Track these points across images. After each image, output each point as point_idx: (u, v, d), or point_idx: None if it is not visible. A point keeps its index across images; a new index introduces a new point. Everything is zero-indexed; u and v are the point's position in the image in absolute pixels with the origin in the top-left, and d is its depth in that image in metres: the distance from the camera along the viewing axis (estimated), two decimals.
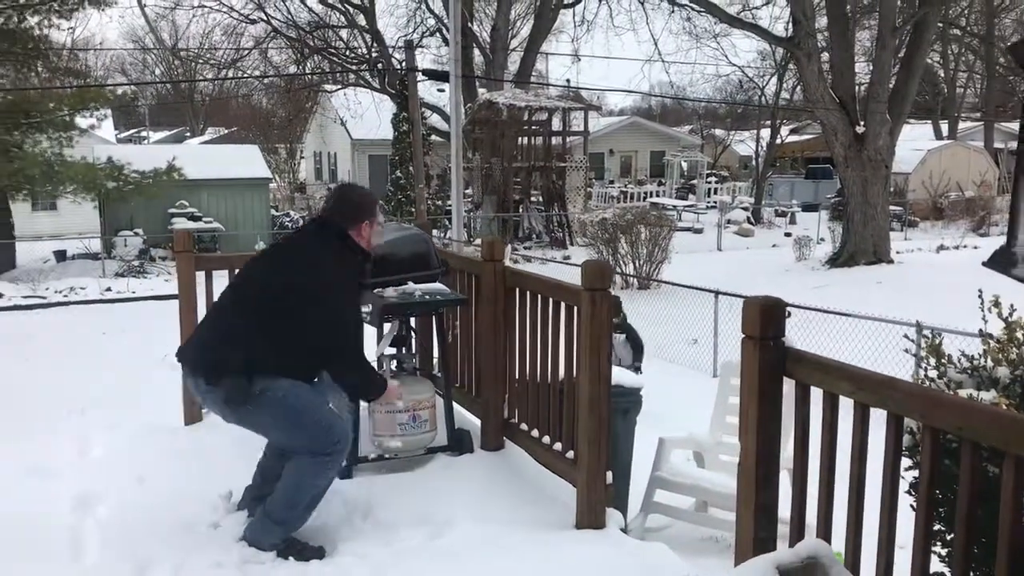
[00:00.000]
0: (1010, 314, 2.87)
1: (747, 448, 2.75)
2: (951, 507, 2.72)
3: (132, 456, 4.49)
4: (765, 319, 2.69)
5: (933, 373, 2.91)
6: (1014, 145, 42.17)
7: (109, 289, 16.98)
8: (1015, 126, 43.18)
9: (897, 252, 19.71)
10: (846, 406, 2.57)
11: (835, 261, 19.10)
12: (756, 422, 2.72)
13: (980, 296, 3.07)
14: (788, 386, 2.75)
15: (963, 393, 2.67)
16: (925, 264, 18.85)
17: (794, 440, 2.72)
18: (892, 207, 21.42)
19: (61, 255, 20.87)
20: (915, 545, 2.33)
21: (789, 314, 2.72)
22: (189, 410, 5.12)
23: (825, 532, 2.61)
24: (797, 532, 2.74)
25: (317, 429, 3.53)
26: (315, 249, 3.60)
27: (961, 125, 42.72)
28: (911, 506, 2.82)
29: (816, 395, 2.66)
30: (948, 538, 2.76)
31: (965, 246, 21.78)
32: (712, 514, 5.30)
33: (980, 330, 2.92)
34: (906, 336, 3.31)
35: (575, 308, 3.85)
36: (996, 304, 2.92)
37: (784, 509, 2.84)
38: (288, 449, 3.61)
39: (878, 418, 2.47)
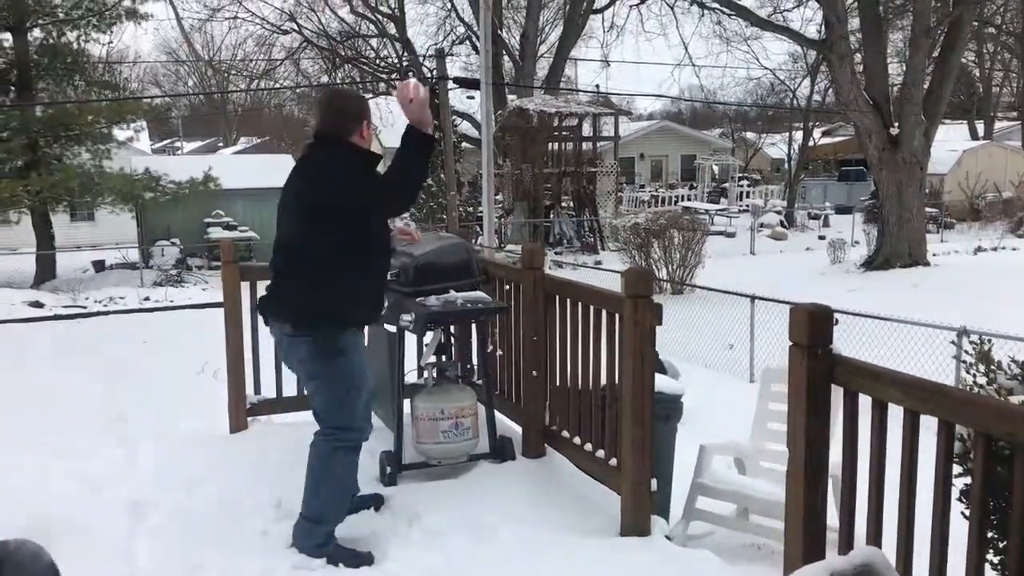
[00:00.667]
0: None
1: (796, 457, 2.76)
2: (1002, 514, 2.71)
3: (181, 464, 4.57)
4: (813, 327, 2.70)
5: (982, 379, 2.89)
6: None
7: (147, 298, 17.20)
8: None
9: (933, 255, 19.50)
10: (893, 413, 2.57)
11: (870, 264, 18.94)
12: (804, 431, 2.73)
13: None
14: (835, 392, 2.76)
15: (1014, 400, 2.66)
16: (962, 266, 18.64)
17: (842, 448, 2.72)
18: (928, 209, 21.20)
19: (100, 265, 21.19)
20: (968, 553, 2.33)
21: (837, 321, 2.73)
22: (235, 419, 5.20)
23: (875, 540, 2.61)
24: (846, 540, 2.74)
25: (353, 413, 3.67)
26: (321, 159, 3.63)
27: (997, 125, 42.16)
28: (961, 513, 2.82)
29: (863, 402, 2.66)
30: (1000, 546, 2.75)
31: (1003, 248, 21.51)
32: (753, 521, 5.28)
33: None
34: (953, 342, 3.29)
35: (616, 315, 3.88)
36: None
37: (831, 517, 2.85)
38: (320, 417, 3.71)
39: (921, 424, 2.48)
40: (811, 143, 32.80)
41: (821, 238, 24.43)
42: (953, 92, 24.98)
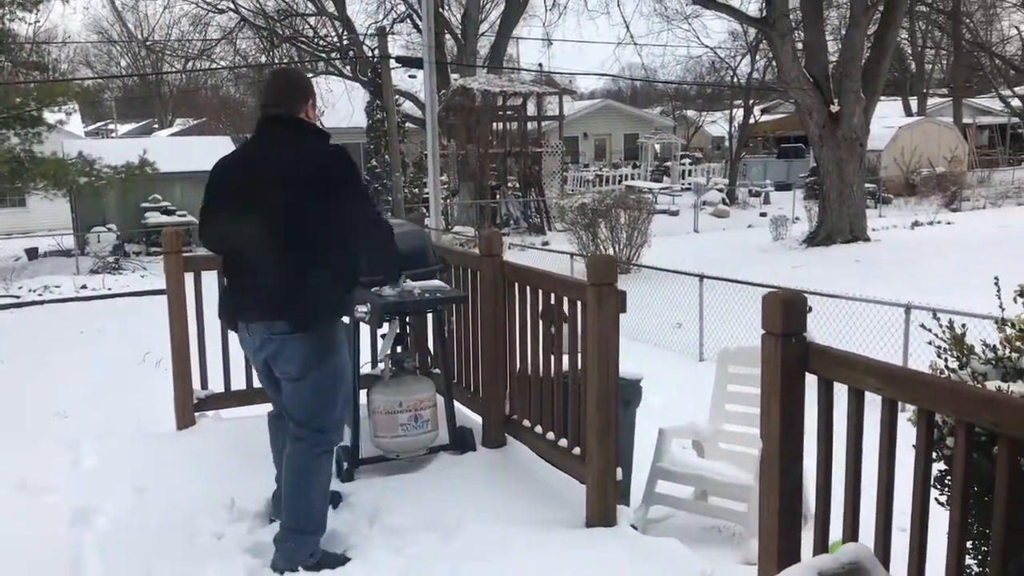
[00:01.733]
0: None
1: (770, 448, 2.71)
2: (978, 501, 2.70)
3: (127, 465, 4.40)
4: (787, 314, 2.64)
5: (954, 364, 2.87)
6: (983, 120, 42.67)
7: (84, 287, 16.71)
8: (982, 101, 43.67)
9: (873, 230, 19.86)
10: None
11: (812, 240, 19.21)
12: (779, 421, 2.67)
13: (996, 284, 3.04)
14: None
15: (989, 385, 2.64)
16: (901, 241, 19.03)
17: (817, 437, 2.67)
18: (866, 184, 21.55)
19: (33, 253, 20.55)
20: (949, 542, 2.29)
21: (810, 308, 2.68)
22: (181, 415, 5.02)
23: (852, 530, 2.58)
24: (822, 531, 2.71)
25: (335, 414, 3.53)
26: (307, 144, 3.45)
27: (930, 101, 43.05)
28: (936, 500, 2.80)
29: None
30: (975, 531, 2.74)
31: (939, 222, 22.00)
32: (712, 503, 5.28)
33: (1001, 318, 2.89)
34: (922, 325, 3.27)
35: (579, 302, 3.80)
36: (1022, 294, 2.88)
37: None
38: (301, 420, 3.47)
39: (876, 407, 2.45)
40: (751, 121, 33.12)
41: (763, 215, 24.71)
42: (888, 69, 25.38)
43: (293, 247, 3.32)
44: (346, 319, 4.30)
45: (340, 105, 29.95)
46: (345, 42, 29.67)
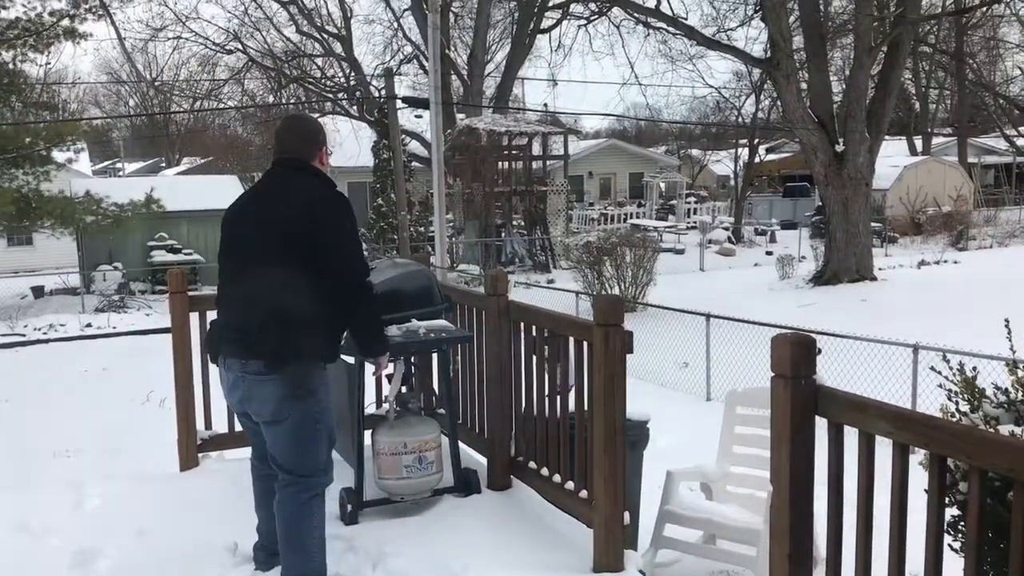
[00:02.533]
0: None
1: (779, 492, 2.66)
2: (993, 548, 2.65)
3: (130, 506, 4.35)
4: (796, 357, 2.61)
5: (965, 407, 2.84)
6: (987, 159, 42.79)
7: (89, 325, 16.73)
8: (987, 141, 43.85)
9: (879, 269, 19.84)
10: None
11: (819, 279, 19.18)
12: (788, 465, 2.63)
13: (1007, 326, 3.01)
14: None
15: (1003, 429, 2.61)
16: (908, 280, 18.99)
17: (828, 481, 2.63)
18: (872, 223, 21.57)
19: (39, 291, 20.59)
20: None
21: (820, 351, 2.65)
22: (185, 456, 4.98)
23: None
24: (833, 575, 2.66)
25: (320, 457, 3.49)
26: (305, 190, 3.47)
27: (935, 141, 43.24)
28: (949, 546, 2.75)
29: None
30: None
31: (946, 261, 21.97)
32: (721, 546, 5.20)
33: (1012, 360, 2.86)
34: (932, 368, 3.23)
35: (585, 343, 3.78)
36: None
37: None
38: (286, 467, 3.44)
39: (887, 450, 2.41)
40: (756, 160, 33.24)
41: (769, 254, 24.71)
42: (893, 108, 25.53)
43: (277, 289, 3.33)
44: (350, 359, 4.28)
45: (347, 145, 30.17)
46: (352, 83, 29.98)
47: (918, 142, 42.38)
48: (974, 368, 3.03)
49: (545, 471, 4.23)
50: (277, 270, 3.33)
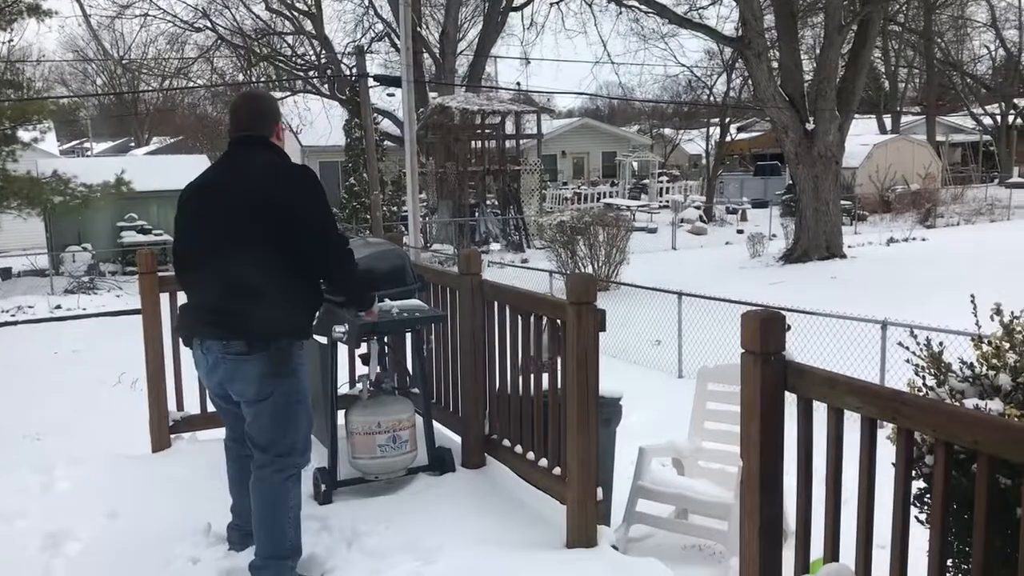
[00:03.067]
0: (1011, 320, 2.86)
1: (750, 466, 2.70)
2: (957, 519, 2.71)
3: (101, 488, 4.32)
4: (766, 333, 2.64)
5: (932, 381, 2.88)
6: (955, 138, 43.25)
7: (59, 307, 16.54)
8: (955, 119, 44.31)
9: (849, 246, 20.02)
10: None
11: (789, 257, 19.33)
12: (759, 440, 2.67)
13: (973, 301, 3.06)
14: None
15: (968, 403, 2.65)
16: (877, 257, 19.19)
17: (798, 456, 2.67)
18: (841, 201, 21.75)
19: (6, 273, 20.32)
20: (930, 560, 2.29)
21: (789, 327, 2.68)
22: (156, 437, 4.95)
23: (833, 548, 2.58)
24: (802, 548, 2.70)
25: (299, 436, 3.49)
26: (273, 166, 3.45)
27: (904, 119, 43.60)
28: (916, 518, 2.80)
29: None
30: (955, 549, 2.74)
31: (914, 238, 22.23)
32: (693, 521, 5.27)
33: (978, 335, 2.91)
34: (900, 344, 3.28)
35: (558, 321, 3.79)
36: (998, 312, 2.90)
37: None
38: (263, 445, 3.43)
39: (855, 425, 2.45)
40: (728, 139, 33.35)
41: (740, 232, 24.86)
42: (863, 87, 25.70)
43: (253, 267, 3.30)
44: (323, 339, 4.26)
45: (318, 123, 29.90)
46: (323, 61, 29.69)
47: (887, 120, 42.73)
48: (941, 343, 3.08)
49: (519, 449, 4.25)
50: (252, 249, 3.30)
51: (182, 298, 4.47)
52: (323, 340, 4.28)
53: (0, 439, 7.18)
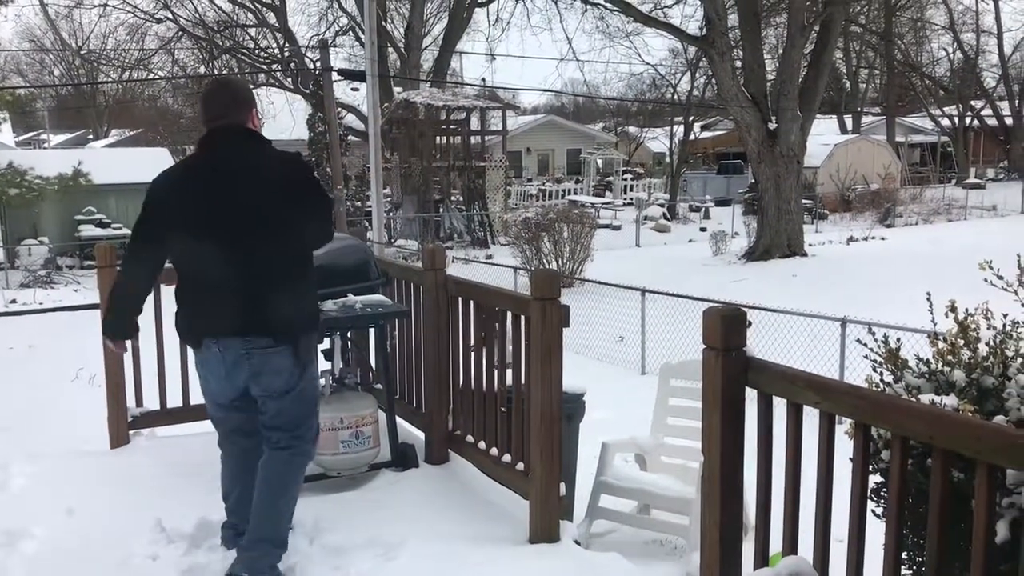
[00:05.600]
0: (966, 318, 2.92)
1: (711, 461, 2.72)
2: (913, 512, 2.75)
3: (58, 485, 4.25)
4: (727, 329, 2.66)
5: (889, 377, 2.93)
6: (914, 139, 43.93)
7: (14, 301, 16.22)
8: (914, 120, 45.01)
9: (810, 245, 20.25)
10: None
11: (751, 255, 19.51)
12: (720, 435, 2.69)
13: (929, 299, 3.11)
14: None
15: (924, 398, 2.70)
16: (837, 256, 19.43)
17: (757, 451, 2.70)
18: (803, 200, 22.00)
19: None
20: (886, 553, 2.33)
21: (750, 323, 2.71)
22: (115, 433, 4.88)
23: (792, 542, 2.61)
24: (762, 542, 2.73)
25: (315, 423, 3.54)
26: (275, 159, 3.40)
27: (864, 119, 44.21)
28: (872, 511, 2.84)
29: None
30: (909, 542, 2.79)
31: (873, 237, 22.53)
32: (655, 516, 5.31)
33: (933, 332, 2.96)
34: (858, 340, 3.32)
35: (522, 316, 3.80)
36: (953, 309, 2.95)
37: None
38: (290, 429, 3.39)
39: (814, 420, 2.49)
40: (691, 137, 33.59)
41: (703, 230, 25.05)
42: (824, 88, 26.02)
43: (271, 258, 3.26)
44: None
45: (281, 117, 29.64)
46: (287, 54, 29.44)
47: (848, 121, 43.29)
48: (898, 340, 3.13)
49: (482, 444, 4.25)
50: (269, 239, 3.25)
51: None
52: None
53: None
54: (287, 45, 29.37)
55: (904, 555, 2.85)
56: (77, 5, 28.42)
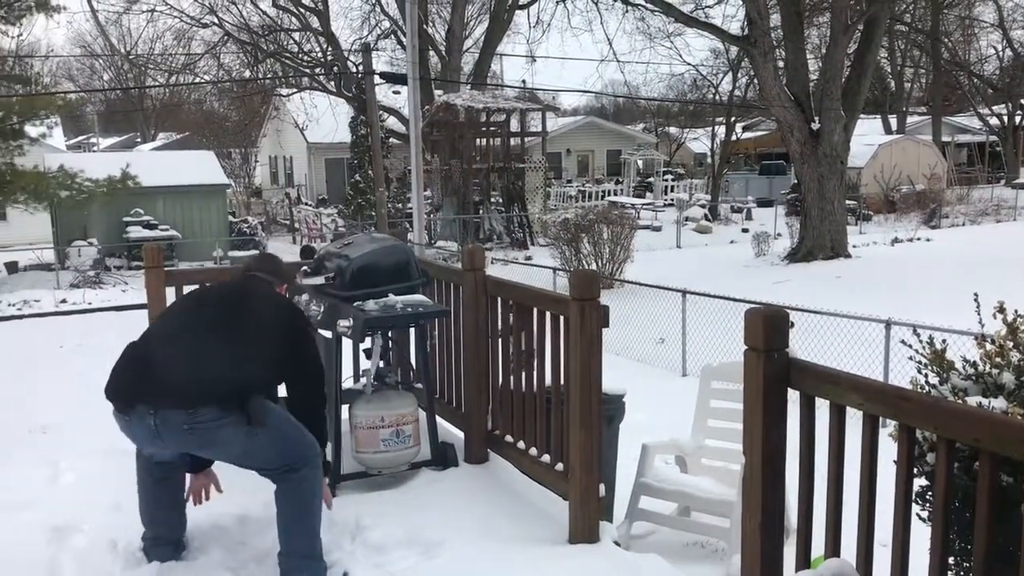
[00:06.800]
0: (1015, 319, 2.87)
1: (752, 463, 2.71)
2: (959, 517, 2.71)
3: (106, 481, 4.34)
4: (769, 330, 2.65)
5: (934, 379, 2.89)
6: (961, 138, 43.14)
7: (64, 301, 16.55)
8: (961, 119, 44.19)
9: (853, 246, 19.98)
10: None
11: (794, 256, 19.30)
12: (761, 437, 2.68)
13: (976, 300, 3.06)
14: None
15: (971, 401, 2.66)
16: (881, 257, 19.15)
17: (799, 453, 2.68)
18: (847, 201, 21.71)
19: (12, 267, 20.34)
20: (932, 558, 2.30)
21: (792, 324, 2.69)
22: None
23: (834, 545, 2.58)
24: (803, 546, 2.71)
25: (303, 439, 3.39)
26: (280, 303, 3.71)
27: (909, 119, 43.49)
28: (917, 515, 2.81)
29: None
30: (956, 547, 2.75)
31: (918, 238, 22.17)
32: (695, 519, 5.28)
33: (981, 334, 2.91)
34: (903, 342, 3.28)
35: (562, 317, 3.80)
36: (1001, 310, 2.90)
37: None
38: (275, 468, 3.33)
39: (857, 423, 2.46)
40: (733, 137, 33.32)
41: (745, 231, 24.82)
42: (868, 87, 25.67)
43: (235, 357, 3.29)
44: (328, 333, 4.28)
45: (324, 121, 29.94)
46: (329, 58, 29.71)
47: (893, 121, 42.63)
48: (943, 341, 3.09)
49: (522, 444, 4.26)
50: (238, 347, 3.32)
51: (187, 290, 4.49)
52: (328, 334, 4.30)
53: (5, 432, 7.17)
54: (330, 49, 29.61)
55: (951, 560, 2.81)
56: (126, 11, 28.91)
